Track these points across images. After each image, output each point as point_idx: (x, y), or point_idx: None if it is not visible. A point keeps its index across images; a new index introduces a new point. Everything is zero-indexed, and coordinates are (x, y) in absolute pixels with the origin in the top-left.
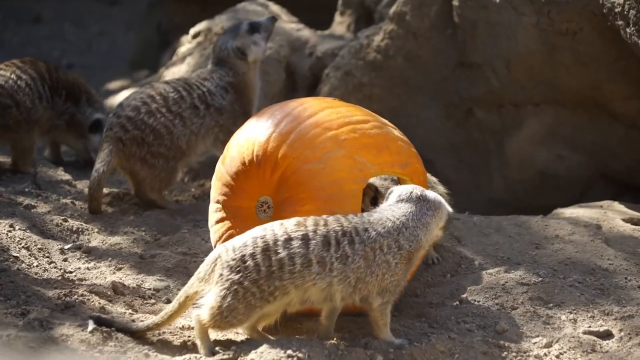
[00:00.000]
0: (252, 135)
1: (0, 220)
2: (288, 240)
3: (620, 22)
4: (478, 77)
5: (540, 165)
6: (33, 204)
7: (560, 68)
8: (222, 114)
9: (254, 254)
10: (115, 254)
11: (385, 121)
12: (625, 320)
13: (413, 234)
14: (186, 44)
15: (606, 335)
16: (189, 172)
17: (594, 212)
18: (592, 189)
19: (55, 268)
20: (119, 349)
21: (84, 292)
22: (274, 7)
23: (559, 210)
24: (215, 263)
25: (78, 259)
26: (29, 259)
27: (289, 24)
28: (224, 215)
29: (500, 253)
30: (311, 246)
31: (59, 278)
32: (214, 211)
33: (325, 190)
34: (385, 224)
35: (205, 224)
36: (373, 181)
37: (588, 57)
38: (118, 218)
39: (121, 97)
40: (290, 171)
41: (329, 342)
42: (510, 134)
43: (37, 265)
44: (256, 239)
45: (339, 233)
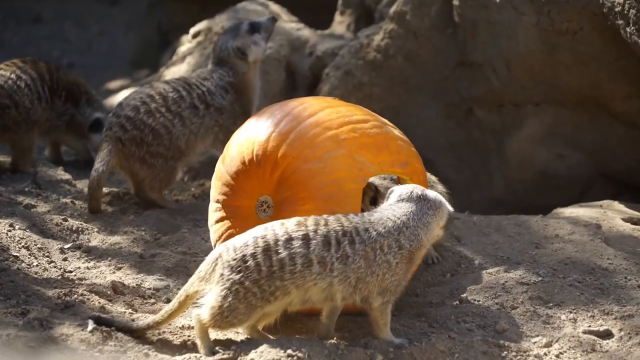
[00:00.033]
0: (252, 135)
1: (0, 220)
2: (289, 240)
3: (620, 22)
4: (478, 77)
5: (540, 165)
6: (33, 203)
7: (561, 67)
8: (222, 113)
9: (255, 253)
10: (115, 253)
11: (385, 121)
12: (625, 320)
13: (414, 233)
14: (186, 43)
15: (606, 334)
16: (189, 172)
17: (594, 212)
18: (592, 188)
19: (55, 267)
20: (119, 349)
21: (84, 292)
22: (274, 7)
23: (559, 210)
24: (216, 262)
25: (78, 258)
26: (28, 258)
27: (289, 24)
28: (224, 214)
29: (500, 252)
30: (312, 246)
31: (59, 277)
32: (214, 210)
33: (325, 190)
34: (386, 224)
35: (205, 223)
36: (373, 180)
37: (588, 57)
38: (118, 217)
39: (121, 97)
40: (290, 170)
41: (329, 342)
42: (511, 133)
43: (37, 265)
44: (257, 239)
45: (340, 233)
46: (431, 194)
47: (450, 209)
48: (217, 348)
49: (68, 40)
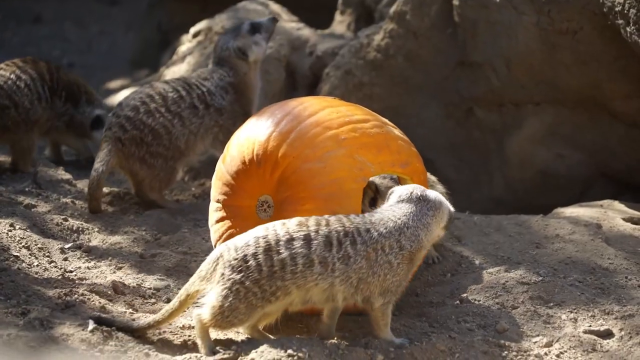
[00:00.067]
0: (253, 135)
1: (1, 220)
2: (290, 240)
3: (620, 21)
4: (478, 77)
5: (541, 165)
6: (33, 203)
7: (561, 67)
8: (222, 114)
9: (256, 253)
10: (115, 253)
11: (386, 120)
12: (625, 320)
13: (414, 234)
14: (186, 43)
15: (606, 334)
16: (190, 171)
17: (594, 212)
18: (593, 188)
19: (55, 267)
20: (120, 348)
21: (84, 292)
22: (275, 7)
23: (559, 210)
24: (217, 262)
25: (78, 258)
26: (29, 258)
27: (289, 23)
28: (224, 214)
29: (500, 252)
30: (313, 246)
31: (59, 277)
32: (214, 210)
33: (325, 189)
34: (387, 224)
35: (206, 223)
36: (373, 179)
37: (588, 56)
38: (118, 217)
39: (121, 97)
40: (290, 170)
41: (330, 342)
42: (511, 133)
43: (38, 265)
44: (258, 239)
45: (341, 233)
46: (431, 194)
47: (451, 209)
48: (218, 348)
49: (68, 40)
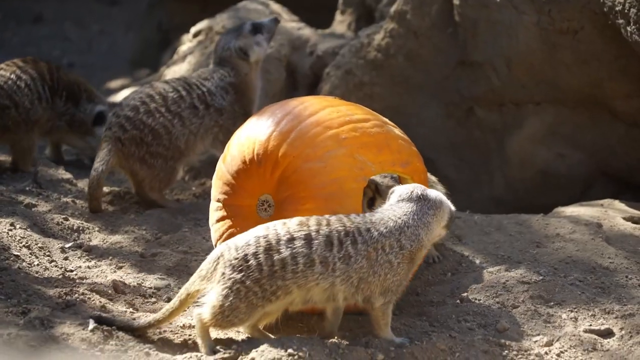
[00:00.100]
0: (253, 134)
1: (1, 219)
2: (291, 240)
3: (620, 21)
4: (479, 76)
5: (541, 164)
6: (34, 202)
7: (561, 67)
8: (222, 114)
9: (256, 253)
10: (116, 252)
11: (386, 120)
12: (626, 319)
13: (414, 233)
14: (187, 42)
15: (607, 333)
16: (190, 171)
17: (595, 211)
18: (593, 187)
19: (56, 267)
20: (120, 348)
21: (85, 291)
22: (275, 6)
23: (560, 209)
24: (218, 261)
25: (79, 257)
26: (29, 257)
27: (290, 23)
28: (225, 213)
29: (501, 252)
30: (314, 246)
31: (60, 277)
32: (215, 210)
33: (325, 189)
34: (387, 224)
35: (206, 222)
36: (373, 179)
37: (589, 56)
38: (119, 217)
39: (121, 97)
40: (290, 170)
41: (330, 341)
42: (511, 132)
43: (38, 264)
44: (259, 238)
45: (342, 233)
46: (432, 193)
47: (452, 208)
48: (218, 347)
49: (68, 40)
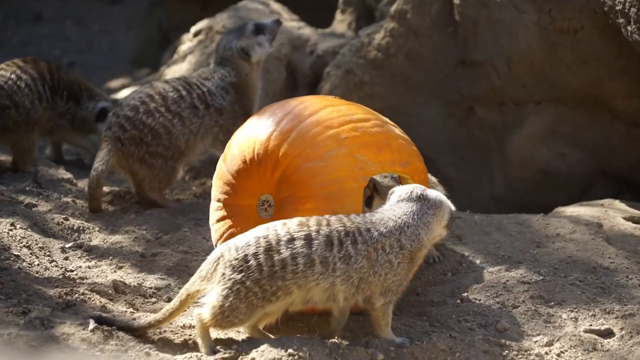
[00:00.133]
0: (253, 134)
1: (1, 219)
2: (291, 240)
3: (621, 20)
4: (479, 76)
5: (541, 164)
6: (34, 202)
7: (561, 66)
8: (222, 114)
9: (256, 253)
10: (116, 252)
11: (386, 119)
12: (626, 319)
13: (415, 233)
14: (187, 42)
15: (607, 333)
16: (190, 171)
17: (595, 211)
18: (593, 187)
19: (56, 267)
20: (120, 348)
21: (85, 291)
22: (275, 6)
23: (560, 209)
24: (218, 262)
25: (79, 257)
26: (30, 257)
27: (290, 22)
28: (225, 213)
29: (501, 251)
30: (314, 246)
31: (60, 277)
32: (215, 210)
33: (326, 189)
34: (387, 224)
35: (207, 222)
36: (373, 178)
37: (589, 55)
38: (119, 217)
39: (122, 96)
40: (291, 169)
41: (330, 341)
42: (511, 132)
43: (38, 264)
44: (259, 239)
45: (342, 233)
46: (432, 193)
47: (452, 208)
48: (218, 347)
49: (69, 39)
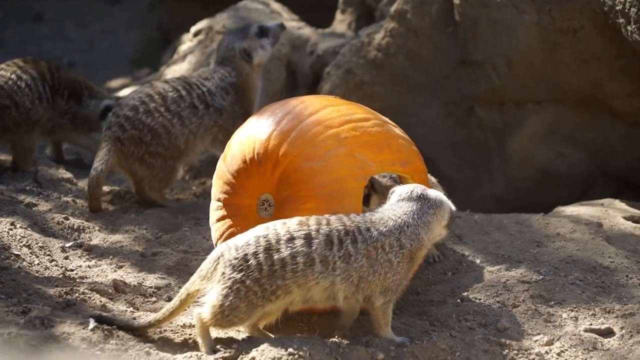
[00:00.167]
0: (253, 133)
1: (1, 219)
2: (290, 239)
3: (621, 20)
4: (479, 75)
5: (541, 164)
6: (34, 202)
7: (561, 66)
8: (222, 114)
9: (256, 252)
10: (116, 252)
11: (386, 119)
12: (626, 318)
13: (414, 232)
14: (187, 42)
15: (607, 333)
16: (190, 170)
17: (595, 210)
18: (593, 187)
19: (56, 266)
20: (120, 347)
21: (85, 290)
22: (275, 5)
23: (560, 208)
24: (218, 261)
25: (79, 257)
26: (30, 257)
27: (290, 22)
28: (225, 213)
29: (501, 251)
30: (314, 245)
31: (60, 276)
32: (215, 209)
33: (326, 188)
34: (387, 223)
35: (207, 222)
36: (373, 178)
37: (589, 55)
38: (119, 216)
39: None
40: (291, 169)
41: (330, 340)
42: (511, 132)
43: (38, 264)
44: (259, 238)
45: (342, 232)
46: (432, 193)
47: (453, 207)
48: (219, 346)
49: (69, 39)
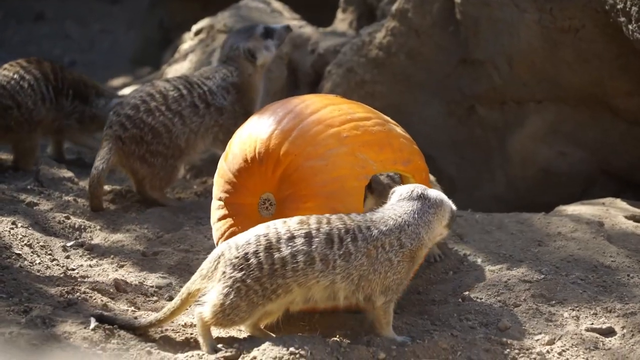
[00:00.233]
0: (254, 132)
1: (3, 218)
2: (291, 238)
3: (622, 19)
4: (480, 74)
5: (543, 162)
6: (35, 201)
7: (563, 65)
8: (223, 113)
9: (257, 251)
10: (117, 251)
11: (387, 118)
12: (627, 317)
13: (415, 232)
14: (188, 40)
15: (609, 332)
16: (191, 170)
17: (596, 209)
18: (594, 186)
19: (57, 265)
20: (122, 347)
21: (87, 290)
22: (276, 4)
23: (561, 208)
24: (218, 260)
25: (80, 256)
26: (31, 256)
27: (291, 21)
28: (226, 212)
29: (502, 250)
30: (314, 244)
31: (62, 275)
32: (216, 208)
33: (327, 187)
34: (388, 222)
35: (208, 221)
36: (374, 177)
37: (590, 54)
38: (120, 215)
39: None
40: (292, 168)
41: (332, 340)
42: (513, 131)
43: (40, 263)
44: (259, 237)
45: (342, 231)
46: (432, 192)
47: (453, 207)
48: (220, 346)
49: (70, 39)
